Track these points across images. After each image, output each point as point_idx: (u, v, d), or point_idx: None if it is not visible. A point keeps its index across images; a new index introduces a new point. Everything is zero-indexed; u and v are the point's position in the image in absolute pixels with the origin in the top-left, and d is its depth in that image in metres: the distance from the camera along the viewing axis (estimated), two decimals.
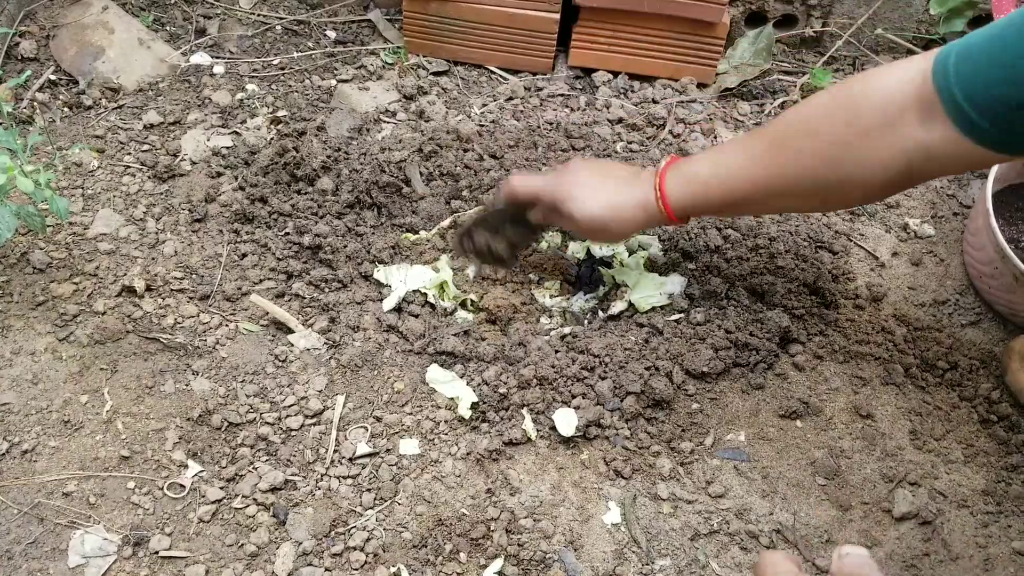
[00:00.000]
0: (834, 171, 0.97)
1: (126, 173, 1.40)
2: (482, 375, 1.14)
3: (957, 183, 1.54)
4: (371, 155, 1.43)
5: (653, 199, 1.09)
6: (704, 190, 1.07)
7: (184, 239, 1.31)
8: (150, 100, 1.54)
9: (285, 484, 1.04)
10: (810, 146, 0.98)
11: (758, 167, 1.03)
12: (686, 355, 1.17)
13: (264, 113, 1.54)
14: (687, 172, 1.08)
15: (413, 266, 1.26)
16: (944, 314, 1.33)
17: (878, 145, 0.93)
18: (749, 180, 1.04)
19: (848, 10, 1.77)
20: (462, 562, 0.99)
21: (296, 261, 1.28)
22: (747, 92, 1.69)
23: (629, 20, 1.62)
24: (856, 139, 0.94)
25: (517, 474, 1.07)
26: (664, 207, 1.08)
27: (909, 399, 1.21)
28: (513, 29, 1.63)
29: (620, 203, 1.11)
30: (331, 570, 0.97)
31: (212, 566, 0.97)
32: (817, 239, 1.39)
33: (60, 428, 1.07)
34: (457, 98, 1.63)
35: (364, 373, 1.16)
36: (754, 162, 1.03)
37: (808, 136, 0.99)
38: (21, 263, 1.23)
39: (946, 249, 1.42)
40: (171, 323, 1.20)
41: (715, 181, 1.06)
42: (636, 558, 1.01)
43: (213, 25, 1.71)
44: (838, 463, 1.13)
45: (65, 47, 1.57)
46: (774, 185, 1.03)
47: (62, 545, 0.97)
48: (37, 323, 1.17)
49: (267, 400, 1.12)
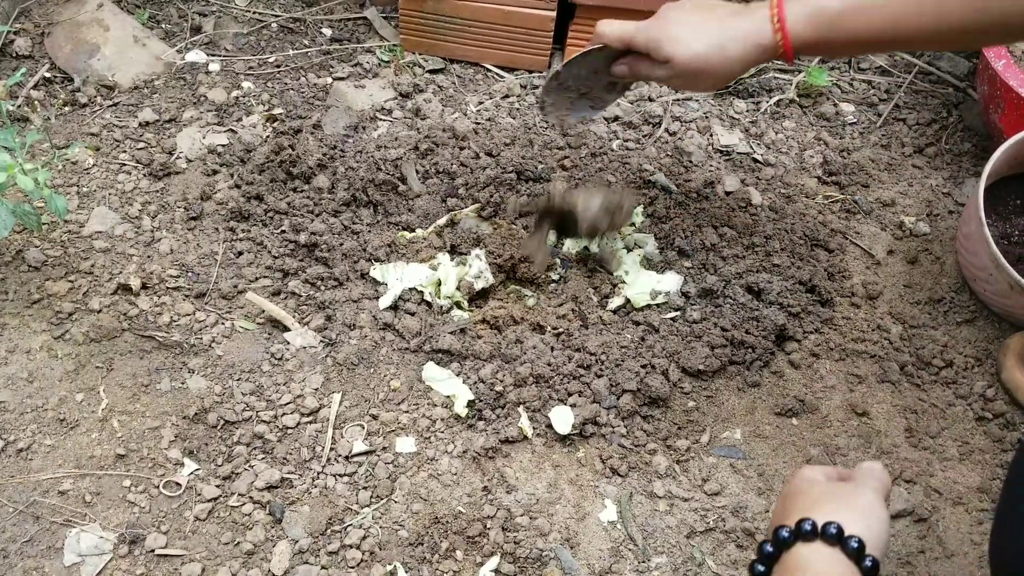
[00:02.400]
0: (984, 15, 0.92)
1: (121, 171, 1.40)
2: (478, 373, 1.14)
3: (952, 181, 1.54)
4: (367, 153, 1.43)
5: (769, 31, 1.00)
6: (831, 25, 0.99)
7: (180, 237, 1.31)
8: (145, 98, 1.54)
9: (281, 482, 1.04)
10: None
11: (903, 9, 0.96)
12: (682, 353, 1.17)
13: (260, 111, 1.54)
14: (812, 6, 0.99)
15: (409, 264, 1.26)
16: (939, 312, 1.33)
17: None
18: (887, 17, 0.97)
19: None
20: (458, 560, 0.99)
21: (292, 259, 1.27)
22: (743, 90, 1.69)
23: (625, 17, 1.60)
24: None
25: (513, 472, 1.08)
26: (783, 41, 1.00)
27: (904, 397, 1.22)
28: (509, 27, 1.63)
29: (728, 39, 1.02)
30: (327, 568, 0.97)
31: (208, 564, 0.97)
32: (813, 237, 1.39)
33: (56, 426, 1.07)
34: (453, 96, 1.63)
35: (360, 371, 1.16)
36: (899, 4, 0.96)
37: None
38: (16, 261, 1.23)
39: (941, 247, 1.42)
40: (167, 321, 1.20)
41: (847, 15, 0.98)
42: (632, 555, 1.02)
43: (209, 23, 1.71)
44: (834, 460, 1.13)
45: (60, 45, 1.57)
46: (915, 29, 0.96)
47: (58, 543, 0.97)
48: (33, 321, 1.17)
49: (263, 398, 1.12)
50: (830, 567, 0.71)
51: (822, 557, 0.72)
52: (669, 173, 1.48)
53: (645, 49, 1.07)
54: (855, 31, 0.98)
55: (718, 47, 1.02)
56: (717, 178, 1.48)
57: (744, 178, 1.50)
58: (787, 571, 0.73)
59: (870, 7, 0.97)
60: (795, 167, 1.55)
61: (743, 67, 1.05)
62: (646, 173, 1.45)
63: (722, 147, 1.56)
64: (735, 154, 1.55)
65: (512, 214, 1.33)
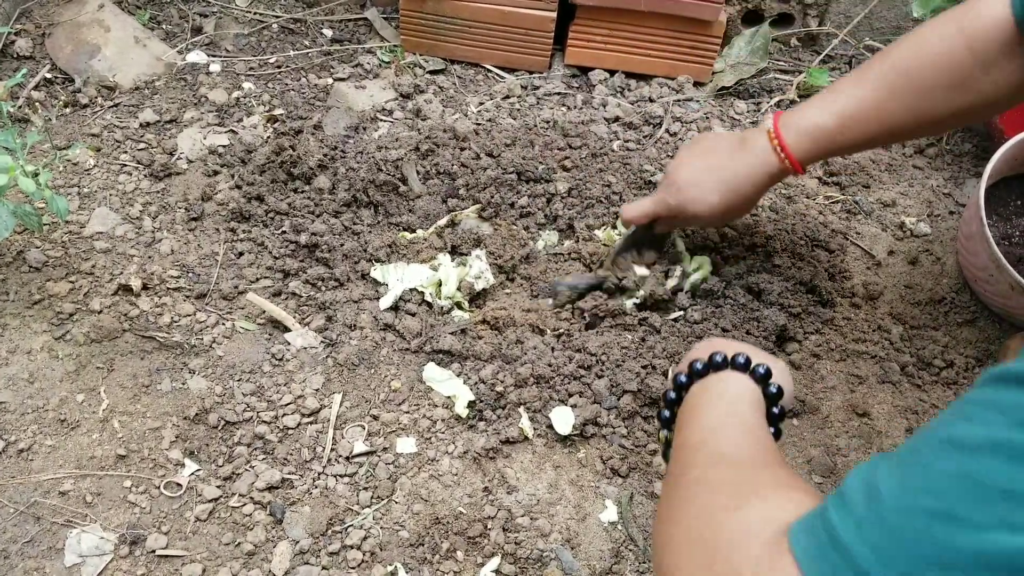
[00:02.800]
0: (965, 97, 0.99)
1: (122, 171, 1.40)
2: (479, 374, 1.14)
3: (953, 181, 1.54)
4: (368, 154, 1.43)
5: (775, 160, 1.09)
6: (831, 141, 1.07)
7: (180, 238, 1.31)
8: (146, 98, 1.54)
9: (282, 483, 1.04)
10: (937, 77, 1.00)
11: (884, 107, 1.04)
12: (683, 353, 1.17)
13: (260, 111, 1.54)
14: (807, 125, 1.08)
15: (410, 264, 1.26)
16: (940, 312, 1.33)
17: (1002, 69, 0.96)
18: (877, 121, 1.04)
19: (844, 9, 1.77)
20: (459, 560, 0.99)
21: (293, 260, 1.27)
22: (743, 91, 1.69)
23: (625, 18, 1.62)
24: (980, 65, 0.96)
25: (514, 472, 1.08)
26: (792, 164, 1.09)
27: (905, 397, 1.22)
28: (509, 28, 1.63)
29: (740, 181, 1.11)
30: (328, 568, 0.97)
31: (209, 565, 0.97)
32: (814, 238, 1.39)
33: (56, 427, 1.07)
34: (454, 97, 1.63)
35: (361, 372, 1.16)
36: (878, 102, 1.04)
37: (934, 68, 1.00)
38: (17, 262, 1.23)
39: (942, 248, 1.42)
40: (167, 322, 1.20)
41: (845, 129, 1.06)
42: (633, 556, 1.01)
43: (209, 23, 1.71)
44: (834, 461, 1.13)
45: (61, 45, 1.57)
46: (902, 126, 1.04)
47: (59, 544, 0.97)
48: (33, 322, 1.17)
49: (264, 399, 1.12)
50: (738, 384, 0.80)
51: (732, 378, 0.80)
52: None
53: (671, 218, 1.19)
54: (854, 140, 1.07)
55: (733, 191, 1.11)
56: None
57: None
58: (694, 396, 0.81)
59: (863, 118, 1.05)
60: None
61: (760, 195, 1.15)
62: (646, 173, 1.45)
63: None
64: None
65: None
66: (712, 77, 1.70)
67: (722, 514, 0.61)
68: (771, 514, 0.58)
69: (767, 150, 1.09)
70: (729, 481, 0.66)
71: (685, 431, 0.78)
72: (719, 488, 0.65)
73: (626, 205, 1.21)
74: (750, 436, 0.74)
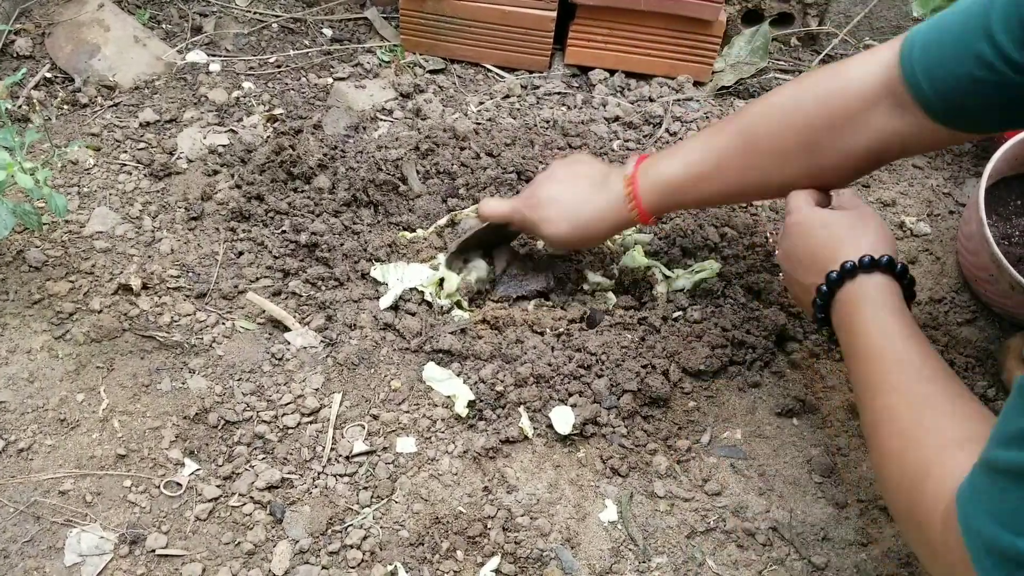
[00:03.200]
0: (809, 161, 1.01)
1: (122, 171, 1.40)
2: (479, 373, 1.14)
3: (953, 181, 1.54)
4: (368, 153, 1.43)
5: (626, 209, 1.12)
6: (676, 194, 1.11)
7: (180, 237, 1.31)
8: (146, 98, 1.54)
9: (282, 482, 1.04)
10: (784, 139, 1.01)
11: (733, 166, 1.06)
12: (683, 353, 1.17)
13: (260, 111, 1.54)
14: (659, 177, 1.11)
15: (410, 264, 1.26)
16: (940, 312, 1.33)
17: (854, 134, 0.96)
18: (721, 180, 1.07)
19: (844, 8, 1.77)
20: (459, 560, 0.99)
21: (292, 259, 1.27)
22: (743, 90, 1.69)
23: (625, 18, 1.62)
24: (832, 131, 0.97)
25: (514, 472, 1.08)
26: (639, 215, 1.12)
27: None
28: (509, 27, 1.63)
29: (590, 220, 1.15)
30: (328, 568, 0.97)
31: (209, 564, 0.97)
32: None
33: (56, 426, 1.07)
34: (454, 96, 1.63)
35: (361, 371, 1.16)
36: (727, 161, 1.06)
37: (782, 129, 1.01)
38: (17, 261, 1.23)
39: (942, 247, 1.42)
40: (167, 321, 1.20)
41: (688, 184, 1.09)
42: (633, 556, 1.02)
43: (209, 23, 1.71)
44: (834, 461, 1.13)
45: (61, 45, 1.57)
46: (748, 181, 1.06)
47: (59, 543, 0.97)
48: (33, 321, 1.17)
49: (264, 398, 1.12)
50: (886, 291, 0.90)
51: (877, 283, 0.90)
52: None
53: (522, 229, 1.23)
54: (698, 197, 1.12)
55: (584, 227, 1.15)
56: None
57: None
58: (847, 302, 0.92)
59: (707, 177, 1.08)
60: None
61: (608, 236, 1.21)
62: None
63: None
64: None
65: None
66: (712, 77, 1.70)
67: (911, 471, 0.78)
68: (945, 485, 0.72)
69: (620, 197, 1.12)
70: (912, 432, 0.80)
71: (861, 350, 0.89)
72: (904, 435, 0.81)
73: (486, 200, 1.23)
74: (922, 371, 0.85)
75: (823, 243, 0.96)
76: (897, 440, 0.81)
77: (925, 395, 0.83)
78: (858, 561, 1.02)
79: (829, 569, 1.01)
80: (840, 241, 0.95)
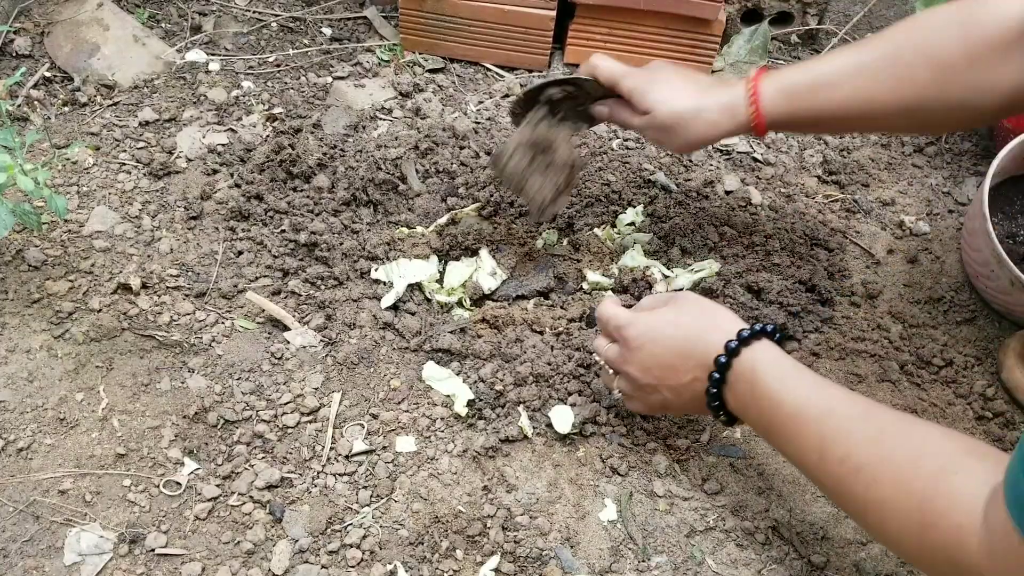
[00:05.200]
0: (946, 94, 0.96)
1: (121, 170, 1.40)
2: (478, 372, 1.14)
3: (952, 180, 1.54)
4: (367, 152, 1.43)
5: (744, 104, 1.06)
6: (802, 102, 1.04)
7: (180, 236, 1.31)
8: (145, 97, 1.54)
9: (281, 482, 1.04)
10: (924, 65, 0.97)
11: (866, 83, 1.01)
12: None
13: (260, 110, 1.54)
14: (785, 82, 1.05)
15: (412, 261, 1.26)
16: (940, 311, 1.33)
17: (994, 70, 0.92)
18: (854, 96, 1.02)
19: (844, 7, 1.77)
20: (458, 559, 0.99)
21: (292, 258, 1.27)
22: None
23: (625, 17, 1.62)
24: (972, 63, 0.93)
25: (513, 471, 1.08)
26: (756, 114, 1.05)
27: (905, 396, 1.22)
28: (509, 26, 1.63)
29: (707, 105, 1.07)
30: (327, 567, 0.97)
31: (208, 564, 0.97)
32: (813, 236, 1.39)
33: (56, 426, 1.07)
34: (453, 95, 1.63)
35: (360, 370, 1.16)
36: (862, 77, 1.01)
37: (923, 55, 0.97)
38: (16, 260, 1.23)
39: (941, 246, 1.42)
40: (167, 321, 1.20)
41: (817, 94, 1.03)
42: (632, 555, 1.02)
43: (208, 22, 1.71)
44: None
45: (60, 44, 1.57)
46: (880, 103, 1.01)
47: (58, 543, 0.97)
48: (32, 321, 1.17)
49: (263, 398, 1.12)
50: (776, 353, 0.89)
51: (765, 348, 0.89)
52: (669, 172, 1.48)
53: (628, 95, 1.11)
54: (823, 105, 1.04)
55: (696, 110, 1.07)
56: (717, 177, 1.48)
57: (744, 177, 1.50)
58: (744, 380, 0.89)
59: (836, 83, 1.02)
60: (795, 166, 1.55)
61: (717, 133, 1.09)
62: (646, 172, 1.45)
63: (722, 146, 1.56)
64: (735, 153, 1.55)
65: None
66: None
67: None
68: None
69: (741, 93, 1.07)
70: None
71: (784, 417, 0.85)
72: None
73: (599, 55, 1.14)
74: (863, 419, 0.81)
75: (685, 338, 0.93)
76: (877, 483, 0.76)
77: (881, 429, 0.78)
78: (857, 560, 1.02)
79: (828, 568, 1.01)
80: (703, 329, 0.92)
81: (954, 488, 0.69)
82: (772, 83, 1.06)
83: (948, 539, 0.69)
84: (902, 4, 1.74)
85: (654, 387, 0.96)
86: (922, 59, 0.97)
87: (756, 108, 1.05)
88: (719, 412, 0.93)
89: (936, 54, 0.96)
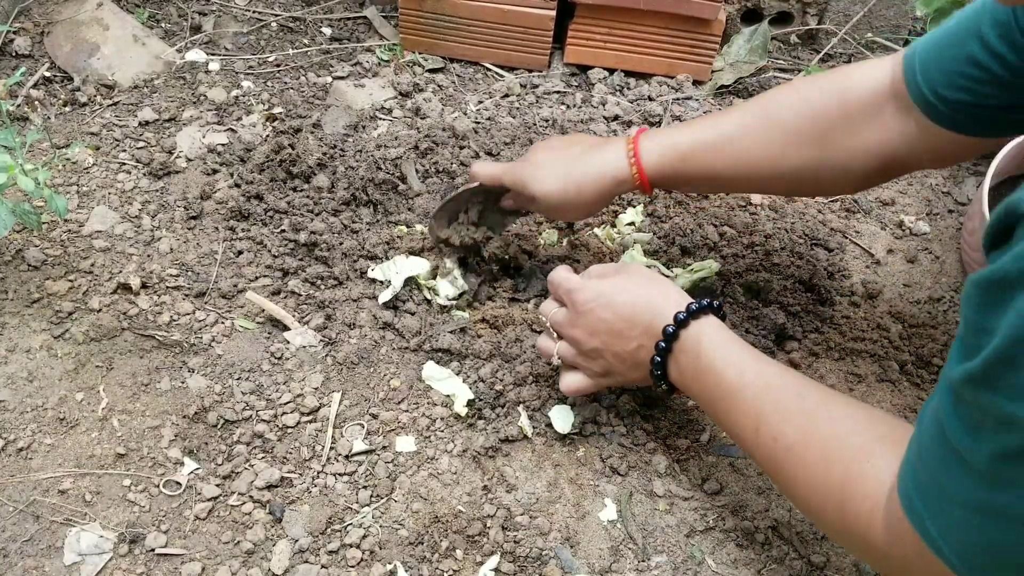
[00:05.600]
0: (821, 153, 1.00)
1: (121, 170, 1.40)
2: (478, 372, 1.15)
3: (952, 180, 1.54)
4: (367, 152, 1.43)
5: (626, 165, 1.07)
6: (683, 160, 1.06)
7: (179, 236, 1.31)
8: (145, 97, 1.54)
9: (281, 481, 1.04)
10: (801, 120, 1.00)
11: (747, 139, 1.03)
12: None
13: (260, 110, 1.54)
14: (665, 141, 1.07)
15: (409, 258, 1.25)
16: (939, 311, 1.33)
17: (864, 130, 0.97)
18: (732, 155, 1.04)
19: (843, 8, 1.77)
20: (458, 559, 0.99)
21: (292, 258, 1.27)
22: (743, 89, 1.69)
23: (625, 17, 1.62)
24: (845, 123, 0.97)
25: (513, 471, 1.08)
26: (639, 172, 1.07)
27: (904, 396, 1.22)
28: (509, 26, 1.63)
29: (583, 174, 1.09)
30: (327, 567, 0.97)
31: (208, 563, 0.97)
32: (813, 236, 1.39)
33: (55, 425, 1.07)
34: (453, 95, 1.63)
35: (360, 370, 1.16)
36: (742, 133, 1.04)
37: (801, 110, 1.01)
38: (16, 260, 1.23)
39: (941, 246, 1.42)
40: (167, 320, 1.20)
41: (696, 151, 1.05)
42: (632, 555, 1.02)
43: (208, 22, 1.71)
44: None
45: (60, 44, 1.57)
46: (764, 166, 1.04)
47: (58, 543, 0.97)
48: (32, 320, 1.17)
49: (263, 397, 1.12)
50: (721, 328, 0.92)
51: (712, 323, 0.92)
52: None
53: (512, 188, 1.15)
54: (704, 167, 1.06)
55: (576, 185, 1.09)
56: None
57: None
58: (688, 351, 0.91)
59: (718, 145, 1.05)
60: None
61: (602, 200, 1.11)
62: None
63: None
64: None
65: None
66: (711, 76, 1.70)
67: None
68: None
69: (620, 156, 1.08)
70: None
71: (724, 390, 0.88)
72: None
73: (478, 161, 1.20)
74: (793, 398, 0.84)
75: (634, 304, 0.95)
76: (804, 463, 0.80)
77: (811, 410, 0.82)
78: (857, 560, 1.03)
79: (828, 568, 1.01)
80: (652, 298, 0.94)
81: (866, 474, 0.74)
82: (653, 142, 1.08)
83: (860, 522, 0.73)
84: (901, 4, 1.75)
85: (598, 352, 0.97)
86: (805, 123, 1.00)
87: (638, 167, 1.07)
88: (660, 381, 0.96)
89: (817, 119, 0.99)
